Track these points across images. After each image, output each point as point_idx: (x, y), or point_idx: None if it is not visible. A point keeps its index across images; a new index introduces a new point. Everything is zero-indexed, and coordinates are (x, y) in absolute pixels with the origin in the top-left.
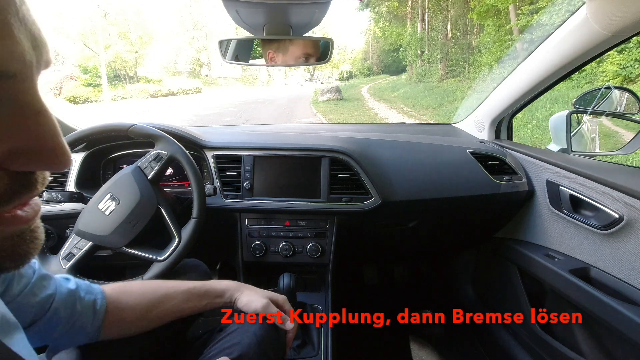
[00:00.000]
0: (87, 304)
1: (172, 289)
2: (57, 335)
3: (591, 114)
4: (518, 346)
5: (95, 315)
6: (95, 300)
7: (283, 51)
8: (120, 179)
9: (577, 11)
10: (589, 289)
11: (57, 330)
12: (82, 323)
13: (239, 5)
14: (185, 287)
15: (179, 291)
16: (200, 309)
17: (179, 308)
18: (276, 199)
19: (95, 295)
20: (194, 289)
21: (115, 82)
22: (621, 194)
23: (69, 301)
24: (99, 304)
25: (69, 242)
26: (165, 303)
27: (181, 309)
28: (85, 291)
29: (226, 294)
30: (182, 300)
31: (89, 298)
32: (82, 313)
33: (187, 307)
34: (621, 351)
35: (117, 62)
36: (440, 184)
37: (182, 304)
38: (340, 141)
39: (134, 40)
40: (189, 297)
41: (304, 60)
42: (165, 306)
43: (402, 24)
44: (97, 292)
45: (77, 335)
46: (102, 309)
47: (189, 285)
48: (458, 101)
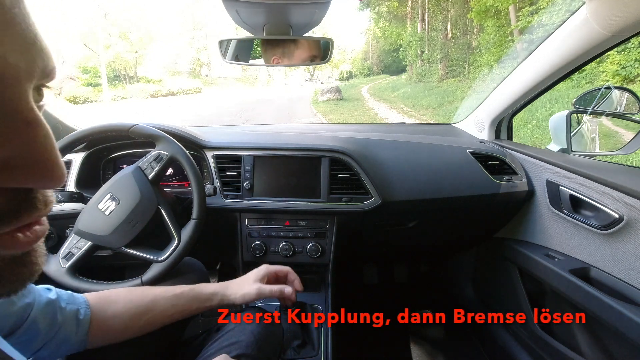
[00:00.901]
0: (68, 314)
1: (160, 295)
2: (37, 347)
3: (591, 114)
4: (518, 346)
5: (79, 326)
6: (78, 310)
7: (289, 56)
8: (121, 179)
9: (577, 11)
10: (589, 289)
11: (36, 341)
12: (65, 334)
13: (239, 5)
14: (172, 293)
15: (167, 297)
16: (190, 313)
17: (167, 314)
18: (276, 199)
19: (78, 305)
20: (181, 294)
21: (115, 82)
22: (621, 194)
23: (48, 311)
24: (83, 313)
25: (69, 241)
26: (153, 310)
27: (170, 315)
28: (66, 301)
29: (215, 297)
30: (170, 306)
31: (71, 308)
32: (64, 323)
33: (176, 312)
34: (621, 351)
35: (117, 62)
36: (440, 184)
37: (170, 310)
38: (340, 141)
39: (135, 40)
40: (177, 302)
41: (304, 60)
42: (153, 313)
43: (402, 24)
44: (80, 302)
45: (60, 347)
46: (86, 319)
47: (176, 291)
48: (458, 101)
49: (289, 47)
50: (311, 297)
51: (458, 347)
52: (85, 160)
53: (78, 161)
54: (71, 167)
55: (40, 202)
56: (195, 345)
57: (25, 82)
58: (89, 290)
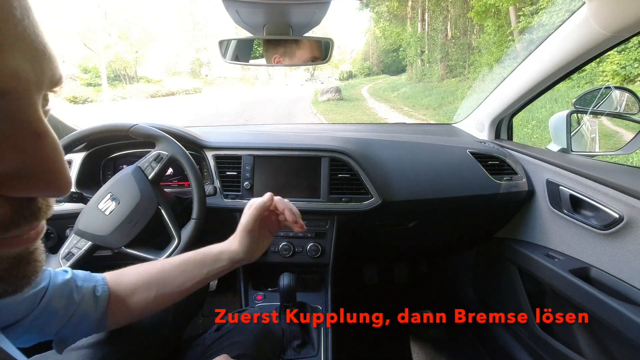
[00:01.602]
0: (85, 292)
1: (167, 263)
2: (56, 328)
3: (591, 114)
4: (518, 346)
5: (98, 302)
6: (95, 287)
7: (290, 55)
8: (121, 179)
9: (577, 11)
10: (589, 289)
11: (54, 323)
12: (83, 312)
13: (239, 5)
14: (179, 260)
15: (174, 265)
16: (202, 279)
17: (178, 282)
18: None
19: (95, 282)
20: (188, 259)
21: (115, 82)
22: (621, 194)
23: (64, 291)
24: (100, 290)
25: (69, 241)
26: (163, 279)
27: (181, 283)
28: (82, 279)
29: (223, 255)
30: (179, 273)
31: (87, 285)
32: (81, 301)
33: (188, 280)
34: (621, 351)
35: (117, 62)
36: (440, 184)
37: (180, 278)
38: (340, 141)
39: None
40: (185, 268)
41: (304, 60)
42: (164, 283)
43: (402, 24)
44: (98, 279)
45: (80, 325)
46: (104, 295)
47: (182, 257)
48: (458, 101)
49: (289, 47)
50: (311, 297)
51: (458, 347)
52: (86, 160)
53: (78, 161)
54: (71, 167)
55: (42, 210)
56: (195, 345)
57: (34, 93)
58: None
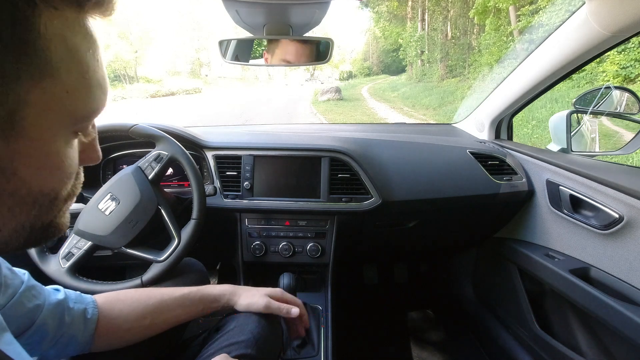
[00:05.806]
0: (76, 314)
1: (167, 295)
2: (47, 347)
3: (591, 114)
4: (518, 346)
5: (87, 325)
6: (86, 309)
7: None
8: (121, 179)
9: (577, 11)
10: (589, 289)
11: (46, 342)
12: (72, 333)
13: (239, 5)
14: (179, 294)
15: (174, 297)
16: (196, 314)
17: (174, 314)
18: (276, 199)
19: (85, 305)
20: (188, 294)
21: (115, 82)
22: (621, 194)
23: (56, 312)
24: (90, 312)
25: (69, 241)
26: (160, 310)
27: (177, 315)
28: (74, 301)
29: (222, 298)
30: (177, 306)
31: (79, 307)
32: (72, 323)
33: (183, 313)
34: (621, 351)
35: (117, 62)
36: (440, 184)
37: (177, 310)
38: (340, 141)
39: (134, 40)
40: (183, 303)
41: (304, 60)
42: (159, 313)
43: (402, 24)
44: (88, 301)
45: (67, 346)
46: (93, 318)
47: (183, 292)
48: (458, 101)
49: (289, 47)
50: (311, 297)
51: (458, 347)
52: None
53: None
54: None
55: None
56: (195, 345)
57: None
58: (89, 290)
